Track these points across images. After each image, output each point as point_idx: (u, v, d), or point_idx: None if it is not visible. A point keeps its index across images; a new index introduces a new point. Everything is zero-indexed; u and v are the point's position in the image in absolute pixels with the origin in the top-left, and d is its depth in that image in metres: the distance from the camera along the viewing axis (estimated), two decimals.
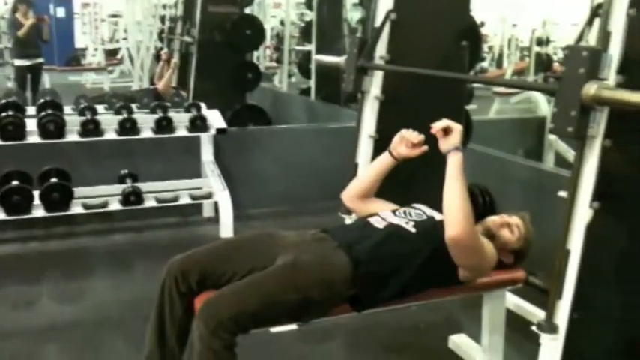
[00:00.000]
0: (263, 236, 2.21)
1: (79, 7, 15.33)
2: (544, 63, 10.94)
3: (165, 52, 7.01)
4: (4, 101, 4.24)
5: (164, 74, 6.28)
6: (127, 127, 4.15)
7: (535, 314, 2.74)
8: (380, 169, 2.35)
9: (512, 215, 2.30)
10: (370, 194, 2.39)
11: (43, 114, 3.99)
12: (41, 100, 4.38)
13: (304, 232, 2.20)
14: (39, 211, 3.93)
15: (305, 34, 8.66)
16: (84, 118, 4.11)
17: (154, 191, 4.31)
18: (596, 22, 1.83)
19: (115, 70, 12.59)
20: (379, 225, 2.15)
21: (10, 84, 8.76)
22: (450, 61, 3.00)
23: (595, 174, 1.74)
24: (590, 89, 1.63)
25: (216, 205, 4.42)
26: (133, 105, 4.72)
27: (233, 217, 4.27)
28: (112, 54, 13.70)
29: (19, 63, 7.81)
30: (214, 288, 1.98)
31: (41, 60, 7.96)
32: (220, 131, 4.45)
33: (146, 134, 4.24)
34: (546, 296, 1.89)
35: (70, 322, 3.13)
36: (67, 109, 4.71)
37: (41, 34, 7.89)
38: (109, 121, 4.18)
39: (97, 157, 4.49)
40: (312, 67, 7.88)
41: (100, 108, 4.83)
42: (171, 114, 4.41)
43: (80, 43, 15.24)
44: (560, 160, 5.53)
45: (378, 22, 2.89)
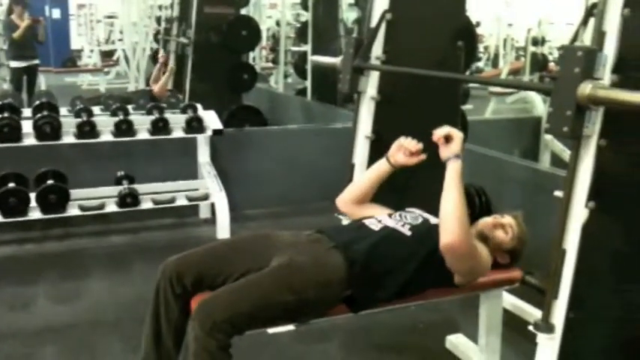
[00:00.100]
0: (259, 237, 2.21)
1: (74, 8, 15.33)
2: (540, 63, 10.95)
3: (163, 55, 6.99)
4: None
5: (160, 77, 6.27)
6: (123, 128, 4.14)
7: (532, 314, 2.74)
8: (376, 175, 2.35)
9: (505, 215, 2.30)
10: (366, 200, 2.39)
11: (39, 116, 3.98)
12: (37, 102, 4.37)
13: (299, 233, 2.20)
14: (35, 213, 3.92)
15: (301, 34, 8.66)
16: (80, 119, 4.09)
17: (150, 193, 4.30)
18: (591, 21, 1.83)
19: (111, 72, 12.58)
20: (375, 227, 2.15)
21: (6, 86, 8.75)
22: (446, 61, 3.00)
23: (591, 173, 1.74)
24: (586, 89, 1.64)
25: (213, 207, 4.42)
26: (129, 106, 4.71)
27: (230, 218, 4.27)
28: (107, 55, 13.68)
29: (14, 64, 7.80)
30: (210, 289, 1.98)
31: (37, 61, 7.95)
32: (217, 132, 4.45)
33: (142, 136, 4.24)
34: (543, 296, 1.89)
35: (67, 324, 3.13)
36: (63, 110, 4.71)
37: (37, 35, 7.87)
38: (105, 123, 4.17)
39: (93, 158, 4.49)
40: (308, 67, 7.88)
41: (96, 109, 4.84)
42: (168, 115, 4.41)
43: (76, 44, 15.23)
44: (556, 160, 5.54)
45: (373, 23, 2.89)
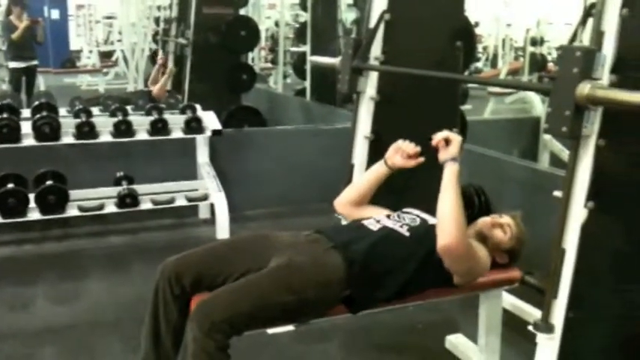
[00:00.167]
0: (258, 238, 2.21)
1: (73, 9, 15.33)
2: (538, 63, 10.96)
3: (162, 56, 6.99)
4: None
5: (159, 78, 6.26)
6: (122, 129, 4.14)
7: (532, 314, 2.74)
8: (374, 177, 2.36)
9: (503, 215, 2.31)
10: (364, 202, 2.40)
11: (38, 116, 3.98)
12: (36, 103, 4.37)
13: (298, 233, 2.20)
14: (34, 214, 3.93)
15: (300, 35, 8.66)
16: (79, 120, 4.09)
17: (149, 193, 4.30)
18: (590, 22, 1.83)
19: (110, 72, 12.58)
20: (373, 227, 2.16)
21: (5, 86, 8.75)
22: (445, 62, 3.00)
23: (590, 173, 1.74)
24: (584, 89, 1.64)
25: (212, 207, 4.42)
26: (128, 107, 4.72)
27: (229, 218, 4.27)
28: (106, 56, 13.70)
29: (13, 65, 7.80)
30: (209, 289, 1.98)
31: (36, 62, 7.95)
32: (216, 132, 4.45)
33: (141, 136, 4.24)
34: (542, 296, 1.90)
35: (66, 324, 3.13)
36: (62, 111, 4.71)
37: (35, 36, 7.87)
38: (104, 124, 4.17)
39: (92, 159, 4.48)
40: (307, 68, 7.88)
41: (95, 110, 4.84)
42: (167, 116, 4.41)
43: (75, 45, 15.24)
44: (555, 160, 5.54)
45: (372, 23, 2.89)
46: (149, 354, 2.06)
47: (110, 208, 4.16)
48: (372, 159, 2.75)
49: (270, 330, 1.99)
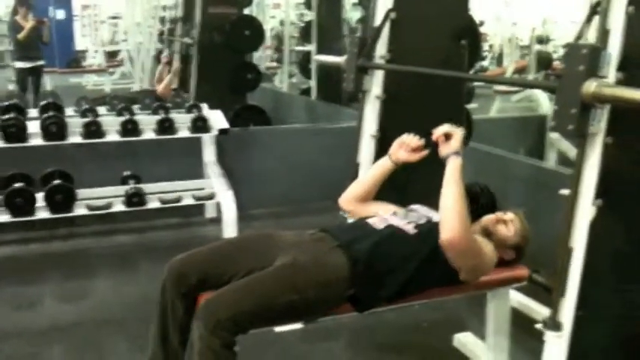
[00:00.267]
0: (262, 236, 2.21)
1: (78, 9, 15.37)
2: (544, 61, 10.92)
3: (166, 55, 7.00)
4: (5, 104, 4.26)
5: (164, 77, 6.27)
6: (129, 128, 4.15)
7: (540, 312, 2.74)
8: (379, 173, 2.36)
9: (507, 212, 2.31)
10: (369, 198, 2.40)
11: (45, 116, 4.00)
12: (43, 102, 4.39)
13: (303, 232, 2.20)
14: (42, 213, 3.94)
15: (305, 34, 8.65)
16: (86, 119, 4.11)
17: (156, 192, 4.31)
18: (595, 19, 1.83)
19: (116, 72, 12.61)
20: (379, 225, 2.15)
21: (11, 86, 8.79)
22: (450, 60, 3.00)
23: (597, 171, 1.74)
24: (590, 87, 1.63)
25: (219, 206, 4.42)
26: (134, 106, 4.72)
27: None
28: (112, 56, 13.73)
29: (19, 65, 7.84)
30: (215, 288, 1.98)
31: (42, 62, 7.99)
32: (222, 132, 4.45)
33: (148, 135, 4.24)
34: (550, 294, 1.89)
35: (73, 323, 3.14)
36: (69, 111, 4.72)
37: (41, 36, 7.91)
38: (110, 123, 4.19)
39: (99, 158, 4.50)
40: (313, 67, 7.88)
41: (102, 110, 4.85)
42: (173, 115, 4.41)
43: (80, 45, 15.28)
44: (563, 158, 5.52)
45: (377, 22, 2.89)
46: (157, 352, 2.07)
47: (117, 207, 4.17)
48: (377, 158, 2.74)
49: (278, 328, 1.99)
